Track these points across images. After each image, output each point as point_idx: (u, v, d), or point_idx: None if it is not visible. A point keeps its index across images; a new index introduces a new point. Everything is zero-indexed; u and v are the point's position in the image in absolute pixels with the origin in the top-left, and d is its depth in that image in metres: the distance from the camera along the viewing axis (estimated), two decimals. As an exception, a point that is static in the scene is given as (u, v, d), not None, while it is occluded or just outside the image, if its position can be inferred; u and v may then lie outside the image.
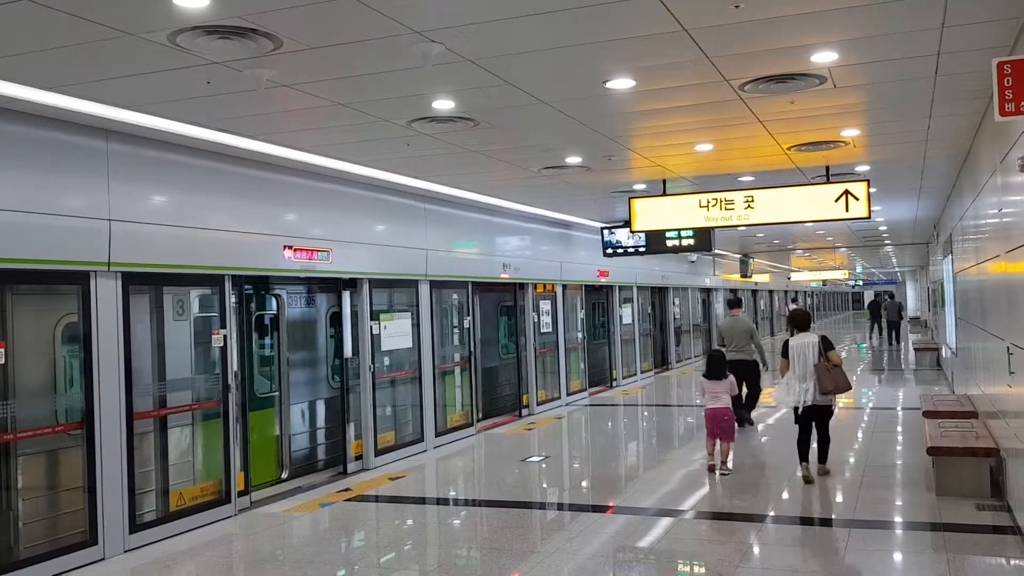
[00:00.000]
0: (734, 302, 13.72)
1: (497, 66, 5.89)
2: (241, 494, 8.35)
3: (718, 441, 9.46)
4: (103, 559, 6.81)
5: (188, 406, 8.04)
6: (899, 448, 11.16)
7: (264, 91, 6.04)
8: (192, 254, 7.82)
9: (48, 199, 6.59)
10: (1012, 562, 6.20)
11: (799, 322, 9.29)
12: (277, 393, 9.48)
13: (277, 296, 9.59)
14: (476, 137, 8.13)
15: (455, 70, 5.88)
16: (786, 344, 9.04)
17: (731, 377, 9.74)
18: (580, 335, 17.33)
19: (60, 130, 6.67)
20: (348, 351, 10.32)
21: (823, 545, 6.88)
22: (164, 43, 5.08)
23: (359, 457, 10.31)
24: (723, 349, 11.70)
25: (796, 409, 8.93)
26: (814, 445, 9.04)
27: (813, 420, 8.92)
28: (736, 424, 9.92)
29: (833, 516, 7.77)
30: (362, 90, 6.34)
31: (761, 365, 12.86)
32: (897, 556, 6.61)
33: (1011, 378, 6.60)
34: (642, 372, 20.75)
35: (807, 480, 8.73)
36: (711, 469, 9.38)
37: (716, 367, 9.66)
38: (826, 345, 8.83)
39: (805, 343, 8.84)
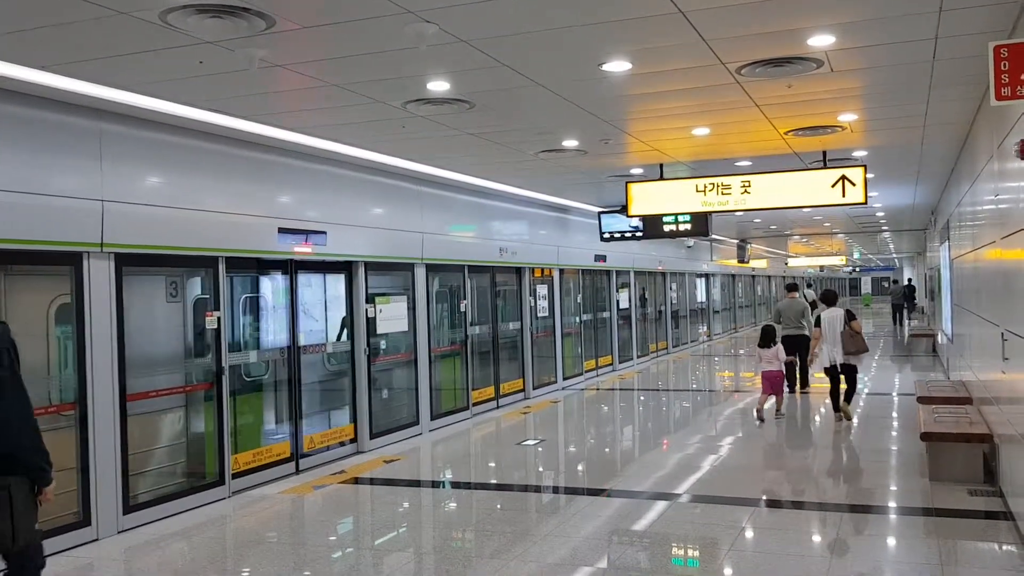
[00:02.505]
0: (791, 286, 15.61)
1: (492, 47, 5.85)
2: (235, 475, 8.35)
3: (772, 397, 11.90)
4: (96, 540, 6.82)
5: (181, 388, 8.04)
6: (893, 434, 11.17)
7: (257, 71, 6.00)
8: (185, 236, 7.79)
9: (41, 179, 6.56)
10: (1003, 547, 6.21)
11: (830, 299, 11.78)
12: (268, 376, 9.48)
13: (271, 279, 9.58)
14: (472, 119, 8.09)
15: (449, 51, 5.84)
16: (819, 317, 11.50)
17: (779, 345, 12.11)
18: (577, 319, 17.33)
19: (52, 110, 6.63)
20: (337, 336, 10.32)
21: (815, 529, 6.89)
22: (155, 22, 5.04)
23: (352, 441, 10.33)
24: (777, 325, 13.68)
25: (826, 369, 11.32)
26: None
27: (842, 375, 11.21)
28: (780, 384, 12.15)
29: (826, 500, 7.78)
30: (356, 70, 6.29)
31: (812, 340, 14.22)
32: (888, 540, 6.62)
33: (1005, 364, 6.60)
34: (639, 356, 20.77)
35: (847, 417, 11.27)
36: (759, 418, 11.62)
37: (767, 337, 12.12)
38: (849, 316, 11.18)
39: (834, 316, 11.23)
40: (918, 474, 8.29)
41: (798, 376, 14.47)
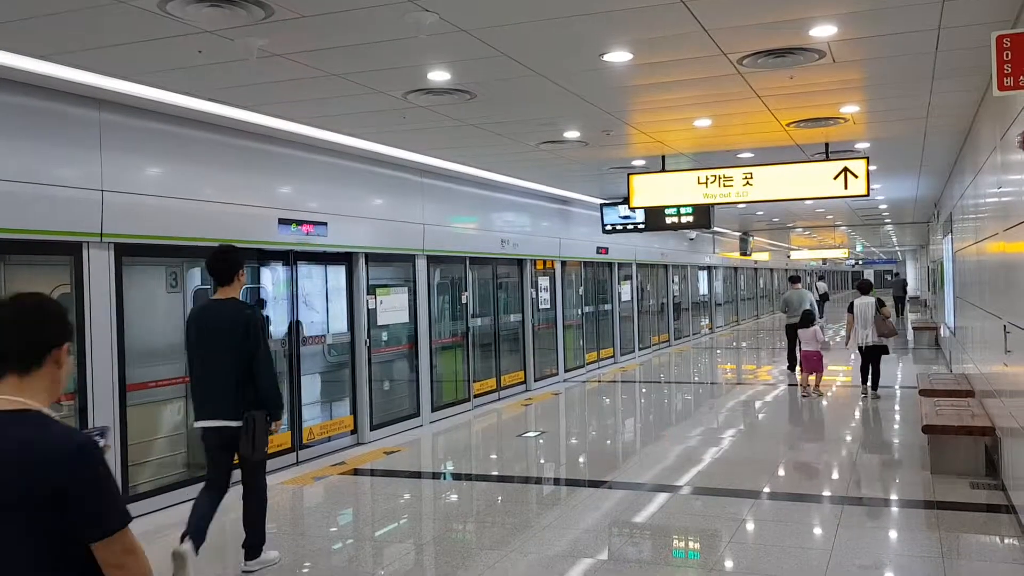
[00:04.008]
0: (795, 278, 17.35)
1: (492, 37, 5.82)
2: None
3: (811, 375, 13.25)
4: (96, 530, 6.81)
5: (181, 378, 8.03)
6: (895, 426, 11.17)
7: (256, 61, 5.97)
8: (185, 226, 7.77)
9: (40, 169, 6.54)
10: (1005, 540, 6.20)
11: (863, 288, 13.34)
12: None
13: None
14: (473, 110, 8.06)
15: (450, 40, 5.81)
16: (851, 304, 12.92)
17: (816, 326, 13.46)
18: (579, 311, 17.32)
19: (52, 99, 6.62)
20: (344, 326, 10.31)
21: (816, 521, 6.88)
22: (154, 11, 5.02)
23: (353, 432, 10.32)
24: (783, 314, 15.95)
25: (860, 348, 12.78)
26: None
27: (872, 356, 12.73)
28: (819, 363, 13.31)
29: (827, 493, 7.77)
30: (355, 60, 6.27)
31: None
32: (890, 533, 6.62)
33: (1007, 357, 6.58)
34: (641, 349, 20.76)
35: (874, 398, 12.66)
36: (804, 394, 13.11)
37: (806, 320, 13.55)
38: (879, 303, 12.71)
39: (866, 303, 12.71)
40: (920, 467, 8.28)
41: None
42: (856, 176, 10.02)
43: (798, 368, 14.13)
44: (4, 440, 2.12)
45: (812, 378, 13.23)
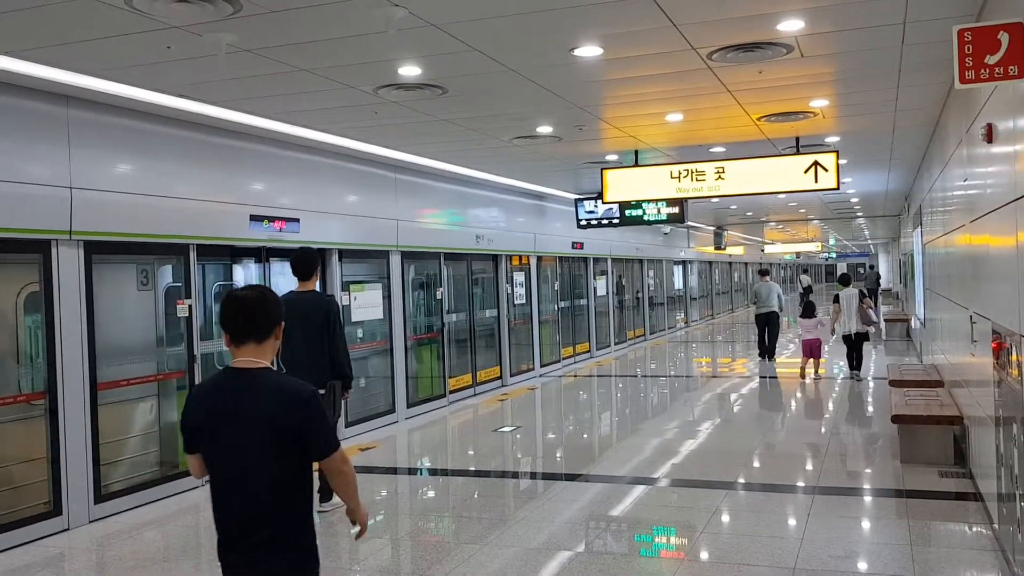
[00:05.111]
0: (764, 271, 18.27)
1: (462, 32, 5.82)
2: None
3: (812, 360, 14.46)
4: (67, 529, 6.78)
5: (153, 376, 7.99)
6: (867, 416, 11.29)
7: (225, 56, 5.95)
8: (156, 223, 7.72)
9: (7, 166, 6.47)
10: (973, 528, 6.29)
11: (845, 281, 14.42)
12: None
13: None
14: (445, 105, 8.06)
15: (420, 35, 5.81)
16: (837, 296, 14.07)
17: (819, 315, 14.81)
18: (554, 306, 17.36)
19: (18, 96, 6.54)
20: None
21: (789, 511, 6.95)
22: (121, 6, 4.98)
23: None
24: (753, 305, 17.38)
25: (845, 336, 13.96)
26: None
27: (855, 342, 13.93)
28: (819, 350, 14.55)
29: (799, 483, 7.85)
30: (326, 55, 6.25)
31: (781, 315, 17.64)
32: (861, 522, 6.69)
33: (974, 347, 6.67)
34: (616, 343, 20.83)
35: (858, 379, 13.87)
36: (803, 376, 14.24)
37: (808, 310, 14.82)
38: (862, 295, 13.98)
39: (850, 294, 13.91)
40: (890, 456, 8.38)
41: (768, 346, 17.27)
42: (826, 170, 10.12)
43: (800, 359, 14.92)
44: (260, 388, 3.03)
45: (811, 363, 14.47)
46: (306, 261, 6.95)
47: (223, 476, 3.07)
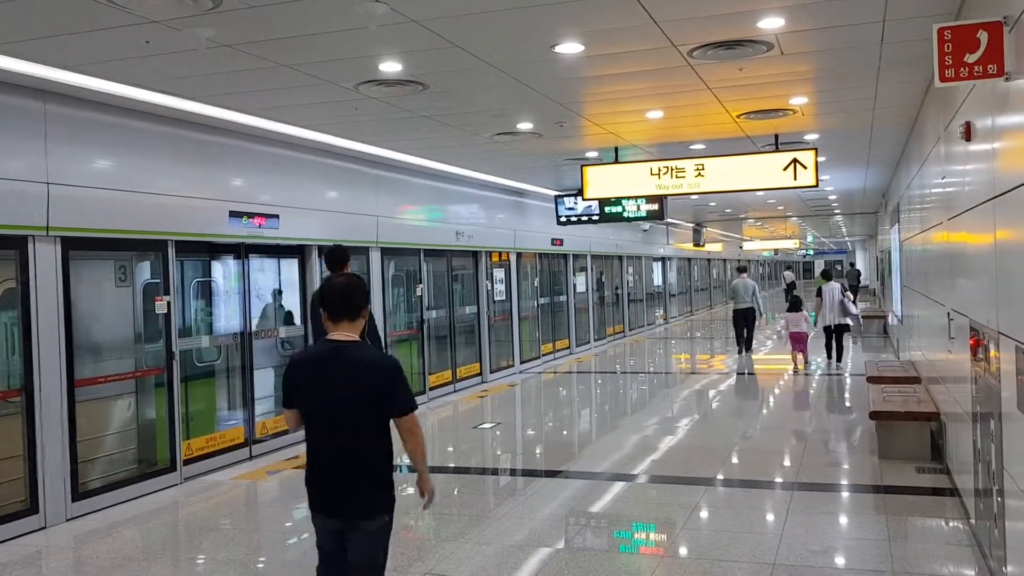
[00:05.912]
0: (741, 268, 19.22)
1: (443, 27, 5.80)
2: (187, 462, 8.26)
3: (800, 354, 15.20)
4: (44, 527, 6.71)
5: (131, 373, 7.93)
6: (845, 413, 11.37)
7: (205, 51, 5.90)
8: (134, 219, 7.65)
9: (-18, 161, 6.40)
10: (950, 523, 6.35)
11: (828, 276, 16.05)
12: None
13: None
14: (426, 102, 8.03)
15: (400, 31, 5.78)
16: (819, 289, 15.49)
17: (805, 311, 15.51)
18: (534, 303, 17.36)
19: (-7, 90, 6.48)
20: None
21: (768, 507, 6.98)
22: (99, 0, 4.93)
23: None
24: (731, 301, 18.02)
25: (825, 328, 15.26)
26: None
27: (835, 333, 15.30)
28: (805, 342, 15.29)
29: (778, 479, 7.89)
30: (306, 51, 6.21)
31: (758, 314, 18.18)
32: (839, 517, 6.74)
33: (951, 343, 6.73)
34: (596, 340, 20.87)
35: (838, 370, 14.84)
36: (795, 371, 14.86)
37: (795, 305, 15.58)
38: (843, 288, 15.35)
39: (832, 287, 15.26)
40: (868, 452, 8.44)
41: (745, 341, 17.83)
42: (805, 167, 10.17)
43: (791, 352, 15.50)
44: (356, 358, 3.74)
45: (800, 356, 15.21)
46: (338, 253, 7.28)
47: (320, 428, 3.75)
